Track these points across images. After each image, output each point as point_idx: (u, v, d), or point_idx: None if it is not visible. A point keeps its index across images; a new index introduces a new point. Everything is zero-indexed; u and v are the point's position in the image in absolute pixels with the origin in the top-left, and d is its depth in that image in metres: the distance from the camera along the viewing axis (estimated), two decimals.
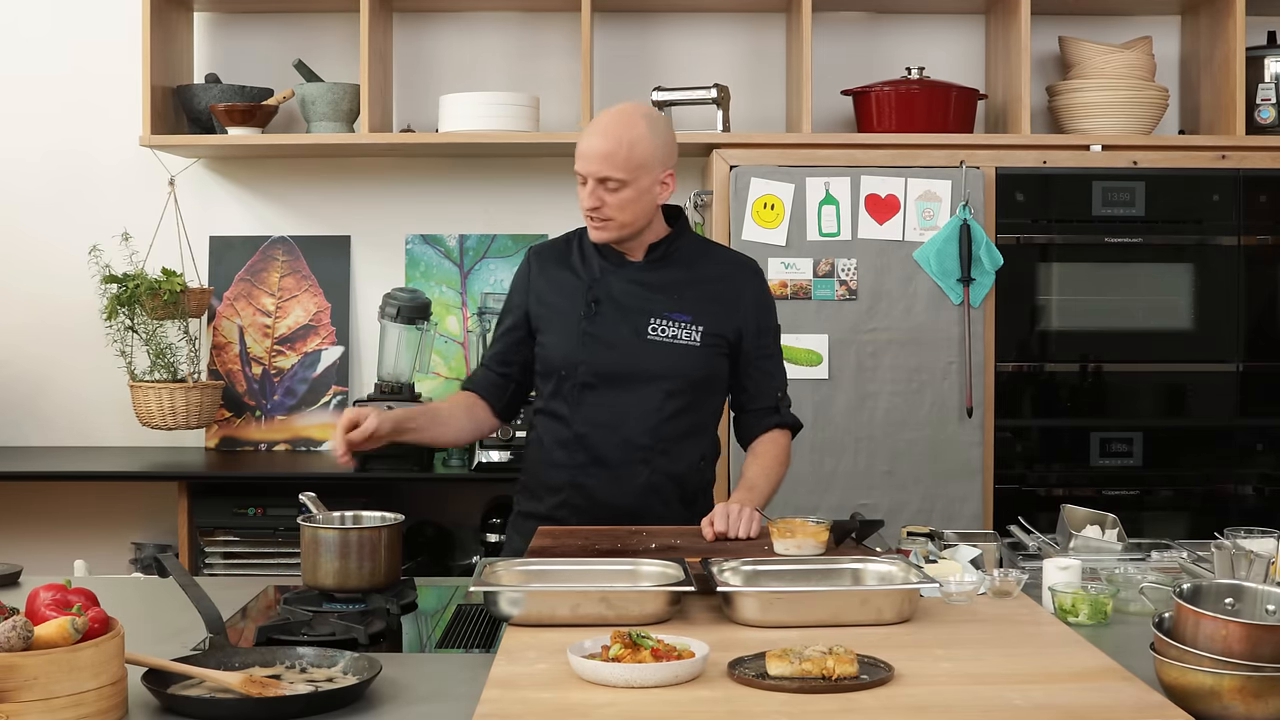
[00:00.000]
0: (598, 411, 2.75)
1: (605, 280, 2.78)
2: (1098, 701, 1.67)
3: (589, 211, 2.70)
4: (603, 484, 2.76)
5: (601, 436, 2.75)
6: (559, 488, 2.79)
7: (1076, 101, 4.09)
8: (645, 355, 2.74)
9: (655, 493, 2.76)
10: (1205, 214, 3.91)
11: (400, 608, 2.29)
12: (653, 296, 2.77)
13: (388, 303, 4.20)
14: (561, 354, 2.78)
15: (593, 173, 2.67)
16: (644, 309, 2.76)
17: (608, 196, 2.68)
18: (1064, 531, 2.63)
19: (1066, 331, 3.92)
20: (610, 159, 2.66)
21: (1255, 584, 1.90)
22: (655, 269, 2.79)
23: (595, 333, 2.76)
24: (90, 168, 4.45)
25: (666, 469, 2.77)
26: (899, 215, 3.84)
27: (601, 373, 2.75)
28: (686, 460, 2.80)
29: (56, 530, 4.40)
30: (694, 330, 2.76)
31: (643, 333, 2.75)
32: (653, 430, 2.75)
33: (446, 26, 4.47)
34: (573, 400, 2.77)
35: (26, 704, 1.60)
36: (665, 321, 2.75)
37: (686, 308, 2.77)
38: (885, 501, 3.81)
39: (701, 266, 2.83)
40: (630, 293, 2.77)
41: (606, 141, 2.67)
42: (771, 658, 1.75)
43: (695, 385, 2.78)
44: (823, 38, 4.35)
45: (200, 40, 4.47)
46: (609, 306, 2.77)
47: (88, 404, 4.46)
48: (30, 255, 4.46)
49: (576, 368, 2.76)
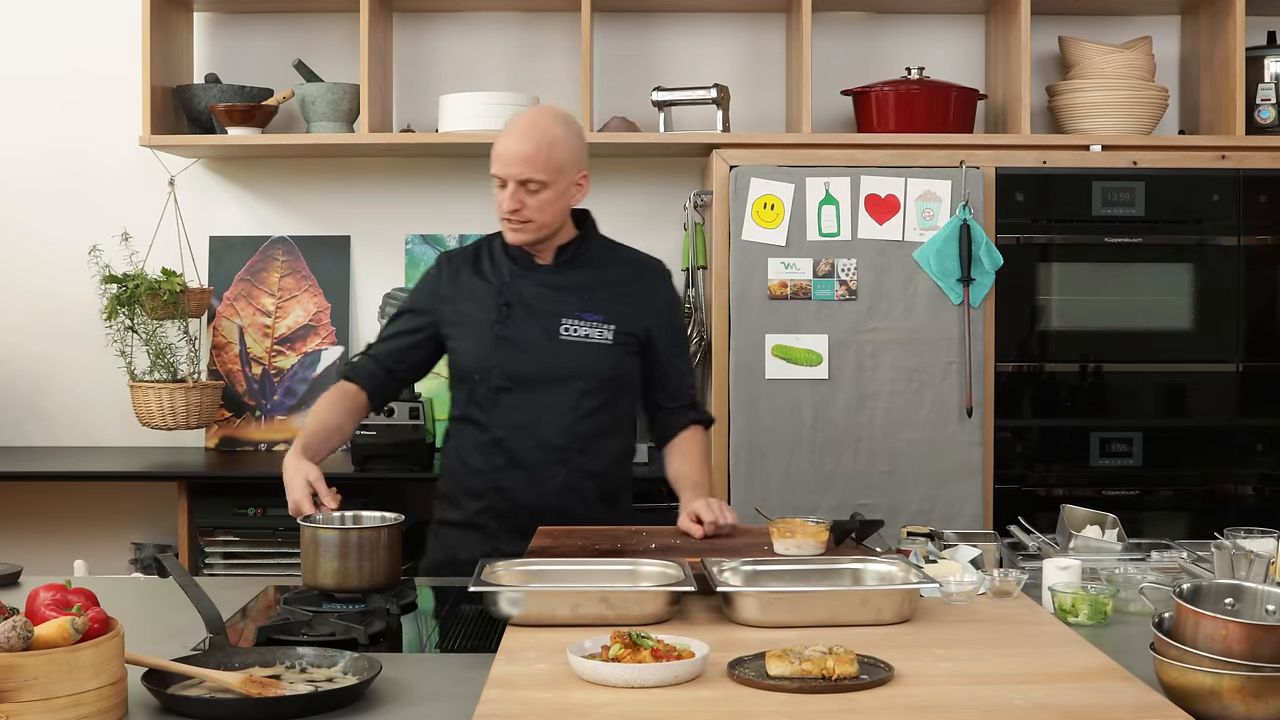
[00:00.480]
0: (513, 414, 2.78)
1: (515, 284, 2.82)
2: (1098, 701, 1.67)
3: (509, 214, 2.73)
4: (521, 486, 2.79)
5: (518, 439, 2.78)
6: (480, 493, 2.82)
7: (1076, 101, 4.09)
8: (559, 356, 2.76)
9: (574, 492, 2.79)
10: (1205, 214, 3.91)
11: (400, 608, 2.29)
12: (564, 298, 2.80)
13: (387, 303, 4.20)
14: (475, 359, 2.81)
15: (514, 175, 2.70)
16: (555, 311, 2.79)
17: (528, 199, 2.71)
18: (1064, 531, 2.63)
19: (1066, 331, 3.92)
20: (531, 161, 2.69)
21: (1255, 584, 1.90)
22: (565, 271, 2.83)
23: (508, 336, 2.79)
24: (90, 168, 4.45)
25: (584, 467, 2.80)
26: (899, 215, 3.84)
27: (515, 375, 2.78)
28: (604, 458, 2.83)
29: (56, 530, 4.40)
30: (606, 329, 2.80)
31: (555, 334, 2.78)
32: (569, 430, 2.78)
33: (446, 26, 4.47)
34: (488, 404, 2.80)
35: (26, 704, 1.60)
36: (577, 322, 2.79)
37: (597, 308, 2.80)
38: (885, 501, 3.81)
39: (610, 267, 2.87)
40: (541, 295, 2.81)
41: (527, 144, 2.70)
42: (771, 658, 1.75)
43: (609, 384, 2.81)
44: (823, 38, 4.35)
45: (200, 40, 4.47)
46: (520, 310, 2.80)
47: (88, 404, 4.46)
48: (30, 255, 4.46)
49: (490, 372, 2.79)
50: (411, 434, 3.99)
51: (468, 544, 2.76)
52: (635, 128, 4.23)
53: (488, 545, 2.74)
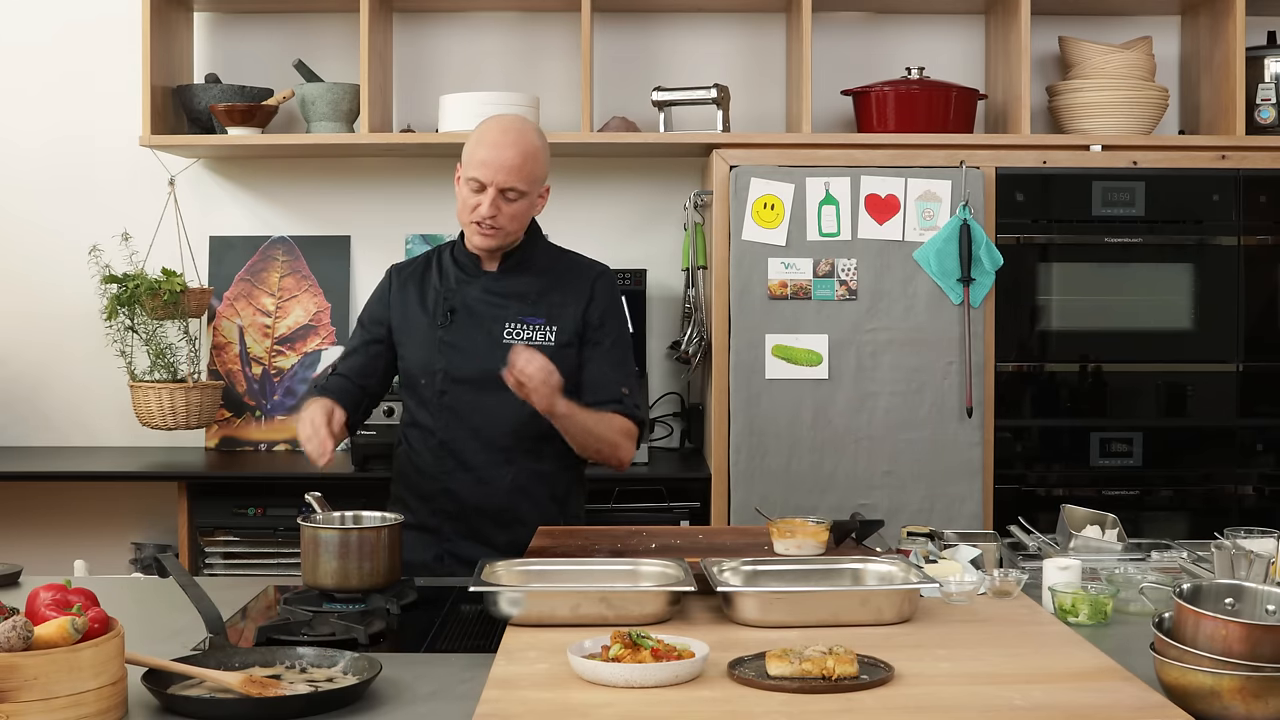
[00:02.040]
0: (459, 417, 2.81)
1: (460, 291, 2.85)
2: (1098, 701, 1.68)
3: (485, 219, 2.74)
4: (469, 487, 2.81)
5: (464, 441, 2.81)
6: (430, 495, 2.84)
7: (1076, 101, 4.09)
8: (502, 358, 2.73)
9: (523, 492, 2.81)
10: (1205, 214, 3.91)
11: (400, 608, 2.29)
12: (507, 303, 2.83)
13: None
14: (420, 363, 2.85)
15: (498, 182, 2.72)
16: (498, 315, 2.82)
17: (505, 206, 2.74)
18: (1064, 531, 2.63)
19: (1066, 331, 3.92)
20: (519, 171, 2.72)
21: (1255, 584, 1.90)
22: (509, 277, 2.85)
23: (451, 340, 2.82)
24: (90, 167, 4.45)
25: (532, 468, 2.82)
26: (899, 215, 3.84)
27: (459, 378, 2.81)
28: (552, 460, 2.83)
29: (56, 530, 4.40)
30: (549, 331, 2.82)
31: (498, 337, 2.80)
32: (514, 431, 2.79)
33: (446, 26, 4.47)
34: (434, 408, 2.83)
35: (26, 704, 1.60)
36: (519, 325, 2.81)
37: (540, 311, 2.83)
38: (885, 501, 3.81)
39: (554, 272, 2.88)
40: (485, 300, 2.84)
41: (514, 154, 2.72)
42: (771, 658, 1.75)
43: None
44: (823, 38, 4.35)
45: (200, 40, 4.47)
46: (464, 315, 2.83)
47: (88, 404, 4.46)
48: (30, 255, 4.46)
49: (435, 375, 2.82)
50: None
51: (420, 546, 2.78)
52: (635, 128, 4.23)
53: (439, 548, 2.79)
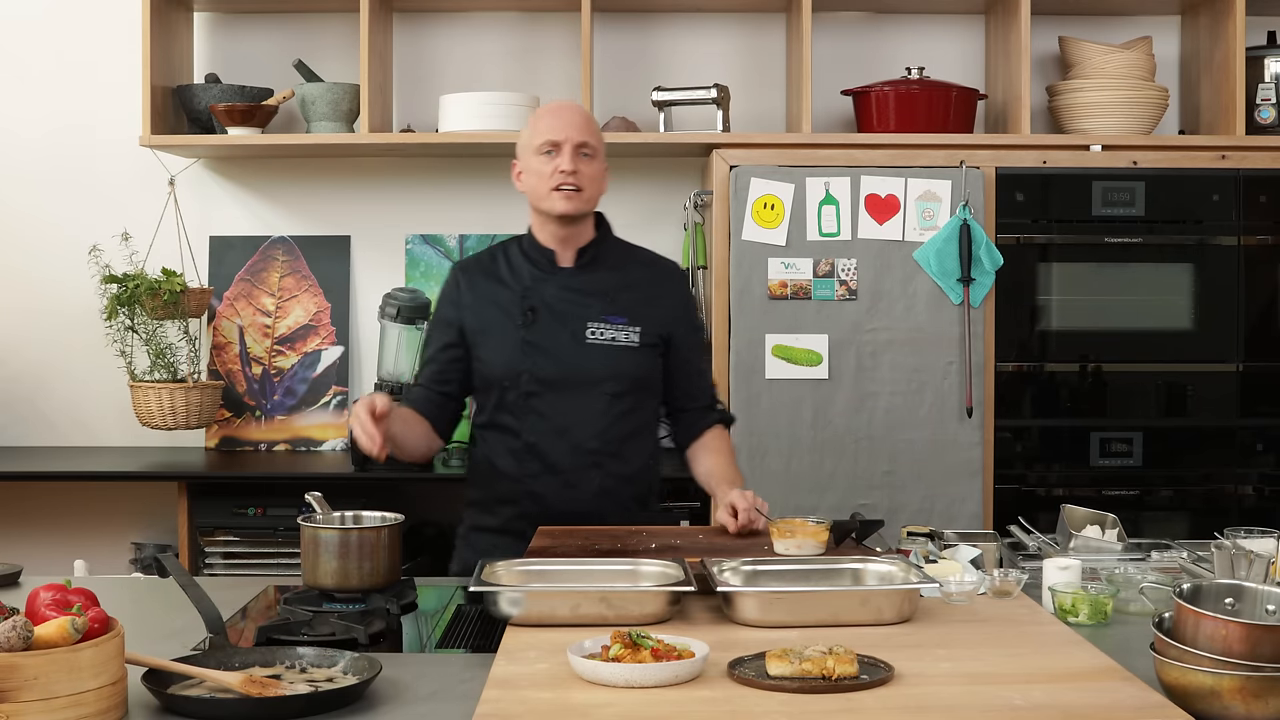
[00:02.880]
0: (544, 419, 2.77)
1: (538, 288, 2.81)
2: (1098, 701, 1.67)
3: (565, 176, 2.73)
4: (556, 490, 2.77)
5: (550, 443, 2.77)
6: (513, 499, 2.80)
7: (1076, 101, 4.09)
8: (587, 359, 2.75)
9: (609, 496, 2.79)
10: (1205, 214, 3.91)
11: (400, 608, 2.28)
12: (587, 301, 2.80)
13: (388, 303, 4.20)
14: (502, 365, 2.79)
15: (571, 137, 2.73)
16: (580, 314, 2.79)
17: (583, 165, 2.74)
18: (1064, 531, 2.63)
19: (1066, 331, 3.92)
20: (585, 127, 2.76)
21: (1255, 584, 1.90)
22: (586, 273, 2.83)
23: (535, 341, 2.78)
24: (90, 167, 4.45)
25: (618, 471, 2.80)
26: (899, 215, 3.84)
27: (545, 379, 2.77)
28: (636, 462, 2.83)
29: (56, 530, 4.40)
30: (632, 331, 2.80)
31: (581, 337, 2.77)
32: (601, 434, 2.77)
33: (446, 26, 4.47)
34: (518, 410, 2.78)
35: (26, 704, 1.60)
36: (603, 324, 2.79)
37: (621, 310, 2.80)
38: (885, 501, 3.81)
39: (629, 269, 2.87)
40: (564, 299, 2.80)
41: (578, 114, 2.78)
42: (771, 658, 1.75)
43: (637, 385, 2.81)
44: (823, 38, 4.35)
45: (200, 40, 4.47)
46: (545, 314, 2.79)
47: (88, 404, 4.46)
48: (30, 255, 4.46)
49: (519, 377, 2.77)
50: None
51: (503, 550, 2.73)
52: (635, 128, 4.23)
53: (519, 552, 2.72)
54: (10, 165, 4.47)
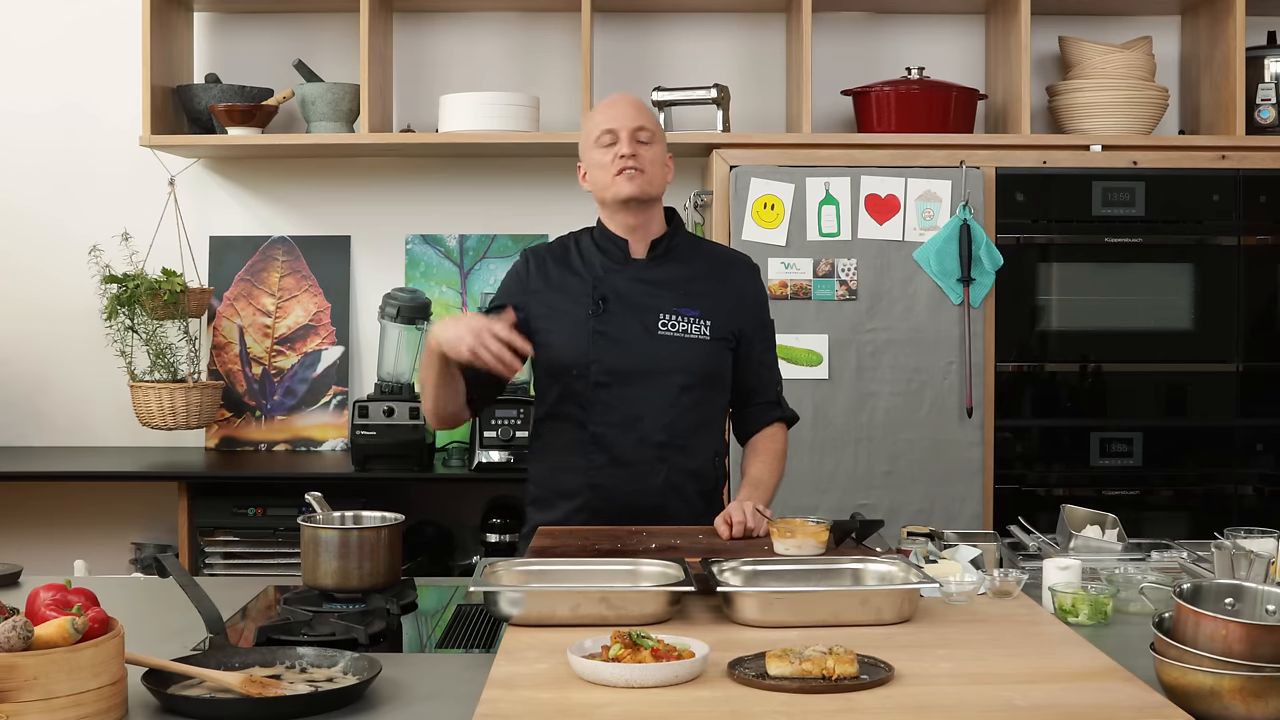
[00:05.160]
0: (612, 410, 2.73)
1: (610, 279, 2.78)
2: (1098, 701, 1.67)
3: (625, 161, 2.71)
4: (622, 483, 2.73)
5: (618, 435, 2.73)
6: (576, 492, 2.76)
7: (1076, 101, 4.09)
8: (658, 350, 2.73)
9: (675, 490, 2.75)
10: (1205, 214, 3.91)
11: (400, 608, 2.28)
12: (659, 293, 2.77)
13: (388, 303, 4.20)
14: (572, 354, 2.75)
15: (626, 123, 2.73)
16: (652, 305, 2.76)
17: (642, 150, 2.73)
18: (1064, 531, 2.63)
19: (1066, 331, 3.92)
20: (641, 114, 2.76)
21: (1255, 584, 1.90)
22: (658, 265, 2.80)
23: (605, 330, 2.74)
24: (90, 167, 4.45)
25: (684, 465, 2.76)
26: (899, 215, 3.84)
27: (614, 370, 2.73)
28: (702, 456, 2.80)
29: (56, 530, 4.40)
30: (703, 324, 2.77)
31: (653, 329, 2.75)
32: (668, 426, 2.74)
33: (446, 26, 4.47)
34: (586, 401, 2.74)
35: (26, 704, 1.60)
36: (674, 316, 2.76)
37: (693, 303, 2.78)
38: (885, 501, 3.81)
39: (701, 263, 2.84)
40: (636, 290, 2.77)
41: (631, 103, 2.79)
42: (771, 658, 1.75)
43: (707, 379, 2.79)
44: (823, 38, 4.35)
45: (200, 40, 4.47)
46: (616, 304, 2.76)
47: (88, 404, 4.46)
48: (30, 255, 4.46)
49: (589, 367, 2.74)
50: (411, 434, 4.00)
51: None
52: None
53: None
54: (10, 165, 4.47)
